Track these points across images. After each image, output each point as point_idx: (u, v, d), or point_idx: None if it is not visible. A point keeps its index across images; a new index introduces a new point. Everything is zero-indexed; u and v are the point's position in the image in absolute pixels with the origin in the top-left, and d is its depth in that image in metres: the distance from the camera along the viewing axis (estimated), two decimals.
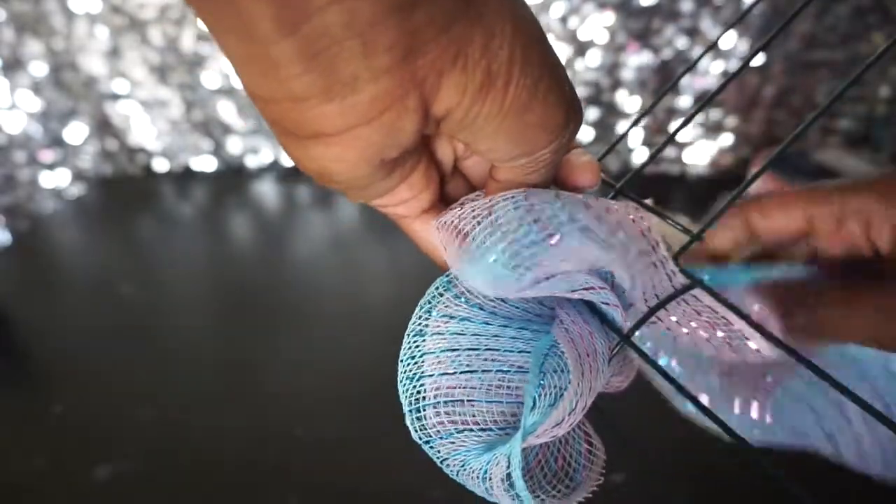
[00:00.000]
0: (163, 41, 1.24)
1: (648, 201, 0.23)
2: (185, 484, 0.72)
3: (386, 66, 0.15)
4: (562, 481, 0.23)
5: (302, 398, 0.82)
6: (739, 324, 0.21)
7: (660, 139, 1.27)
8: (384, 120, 0.16)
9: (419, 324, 0.22)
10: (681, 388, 0.21)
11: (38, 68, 1.23)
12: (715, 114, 1.23)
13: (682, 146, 1.28)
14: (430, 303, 0.22)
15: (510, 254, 0.20)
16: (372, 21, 0.14)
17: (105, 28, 1.23)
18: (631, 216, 0.20)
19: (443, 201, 0.23)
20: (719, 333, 0.22)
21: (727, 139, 1.26)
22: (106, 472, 0.73)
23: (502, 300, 0.22)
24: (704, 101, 0.24)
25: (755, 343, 0.21)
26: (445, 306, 0.22)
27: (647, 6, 1.14)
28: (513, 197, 0.20)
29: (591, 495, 0.22)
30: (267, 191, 1.35)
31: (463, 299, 0.22)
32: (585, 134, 1.27)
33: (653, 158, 0.25)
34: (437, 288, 0.23)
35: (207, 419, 0.79)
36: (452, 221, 0.21)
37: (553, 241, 0.19)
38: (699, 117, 1.23)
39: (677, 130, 0.25)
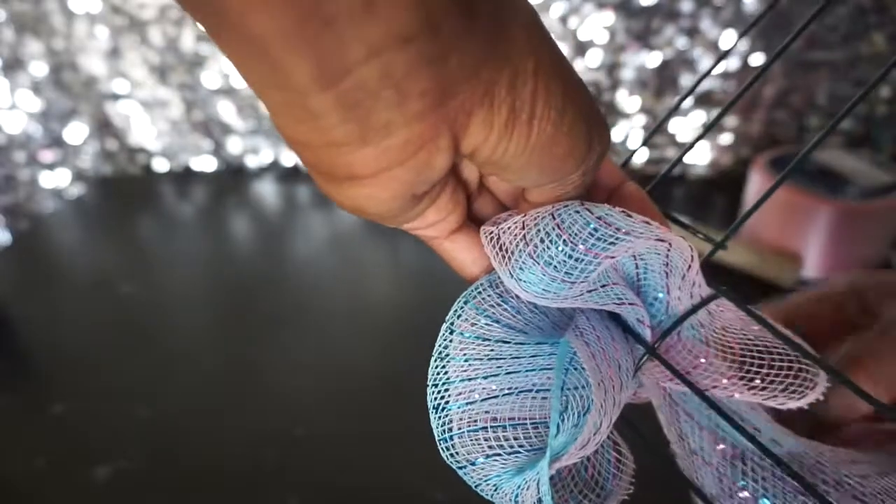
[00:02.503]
0: (163, 41, 1.24)
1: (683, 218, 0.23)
2: (185, 484, 0.72)
3: (419, 111, 0.16)
4: (592, 490, 0.23)
5: (302, 398, 0.82)
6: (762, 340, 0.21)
7: (659, 140, 1.27)
8: (417, 160, 0.17)
9: (442, 344, 0.23)
10: (707, 400, 0.21)
11: (38, 68, 1.23)
12: (715, 114, 1.23)
13: (682, 147, 1.28)
14: (451, 320, 0.23)
15: (559, 265, 0.20)
16: (407, 72, 0.15)
17: (105, 28, 1.23)
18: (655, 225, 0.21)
19: (470, 220, 0.23)
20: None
21: (727, 139, 1.26)
22: (106, 472, 0.73)
23: (519, 312, 0.23)
24: (724, 108, 0.24)
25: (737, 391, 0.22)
26: (465, 321, 0.23)
27: (647, 6, 1.14)
28: (560, 208, 0.21)
29: None
30: (267, 191, 1.35)
31: (483, 314, 0.22)
32: None
33: (673, 166, 0.25)
34: (459, 303, 0.23)
35: (207, 419, 0.79)
36: (499, 235, 0.21)
37: (592, 251, 0.20)
38: (699, 118, 1.23)
39: (696, 139, 0.25)
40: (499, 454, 0.22)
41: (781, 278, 0.95)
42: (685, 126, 1.25)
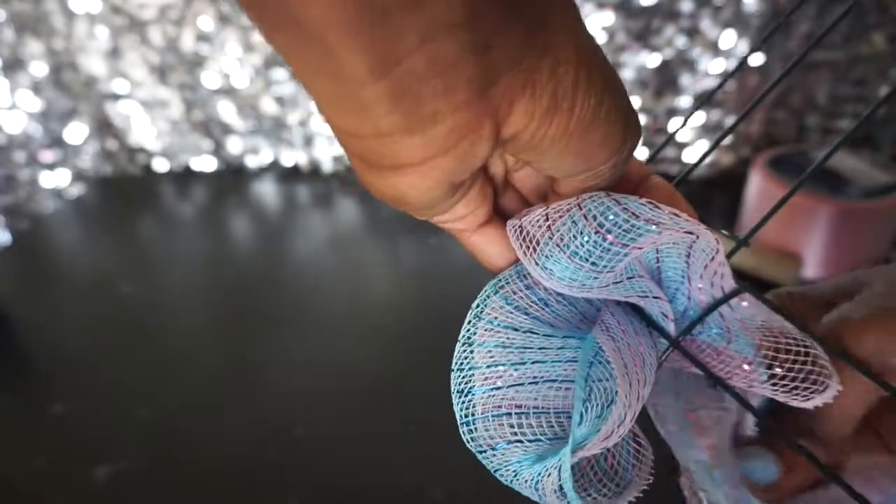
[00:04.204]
0: (163, 41, 1.24)
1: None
2: (185, 484, 0.72)
3: (464, 100, 0.16)
4: (612, 479, 0.23)
5: (302, 398, 0.82)
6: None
7: (659, 139, 1.27)
8: (460, 148, 0.17)
9: (469, 330, 0.23)
10: (730, 391, 0.21)
11: (38, 68, 1.23)
12: (715, 114, 1.23)
13: (681, 146, 1.28)
14: (479, 307, 0.23)
15: (587, 255, 0.20)
16: (454, 61, 0.15)
17: (105, 28, 1.23)
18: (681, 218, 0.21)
19: (497, 214, 0.24)
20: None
21: (727, 139, 1.26)
22: (105, 472, 0.73)
23: (546, 304, 0.23)
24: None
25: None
26: (492, 310, 0.23)
27: (647, 6, 1.14)
28: (587, 198, 0.21)
29: (641, 495, 0.22)
30: (267, 191, 1.35)
31: (511, 304, 0.22)
32: None
33: (687, 174, 0.25)
34: (485, 292, 0.23)
35: (207, 419, 0.79)
36: (524, 227, 0.21)
37: (618, 241, 0.20)
38: (699, 118, 1.23)
39: (710, 149, 0.25)
40: (520, 440, 0.22)
41: (781, 278, 0.95)
42: (685, 126, 1.25)
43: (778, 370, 0.22)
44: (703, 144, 1.26)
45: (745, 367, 0.22)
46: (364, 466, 0.73)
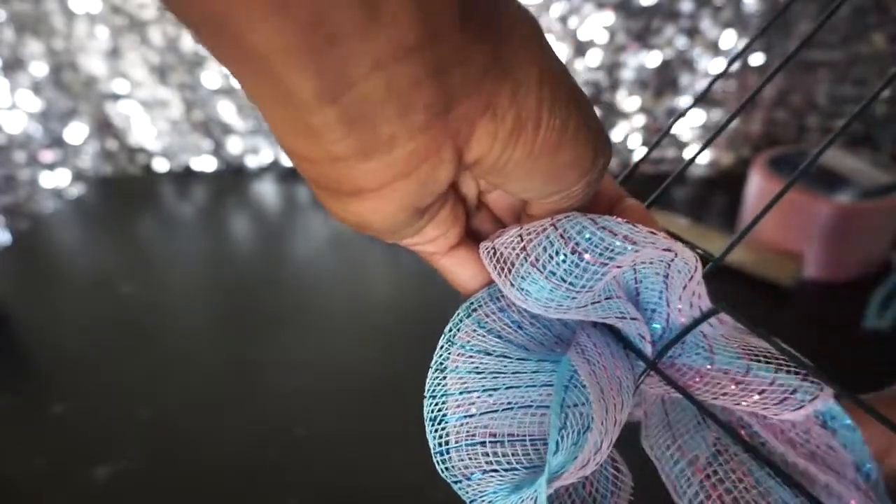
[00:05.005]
0: (163, 41, 1.24)
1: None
2: (185, 484, 0.72)
3: (422, 123, 0.16)
4: None
5: (302, 398, 0.82)
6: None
7: (660, 142, 1.27)
8: (420, 172, 0.17)
9: (441, 356, 0.22)
10: (708, 413, 0.21)
11: (38, 68, 1.23)
12: (715, 114, 1.23)
13: (681, 146, 1.28)
14: (451, 331, 0.22)
15: (564, 274, 0.20)
16: (410, 85, 0.15)
17: (105, 28, 1.22)
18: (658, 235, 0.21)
19: (469, 236, 0.23)
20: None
21: (727, 139, 1.26)
22: (105, 472, 0.73)
23: (520, 326, 0.22)
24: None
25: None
26: (465, 334, 0.22)
27: (647, 6, 1.14)
28: (558, 220, 0.21)
29: None
30: (267, 191, 1.35)
31: (484, 327, 0.22)
32: None
33: (676, 175, 0.25)
34: (458, 316, 0.23)
35: (207, 419, 0.79)
36: (498, 249, 0.21)
37: (594, 260, 0.20)
38: (699, 118, 1.23)
39: (701, 149, 0.25)
40: (496, 470, 0.21)
41: (781, 278, 0.95)
42: (684, 125, 1.25)
43: (766, 388, 0.21)
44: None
45: (733, 386, 0.22)
46: (364, 466, 0.73)
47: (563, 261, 0.20)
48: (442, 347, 0.22)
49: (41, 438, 0.78)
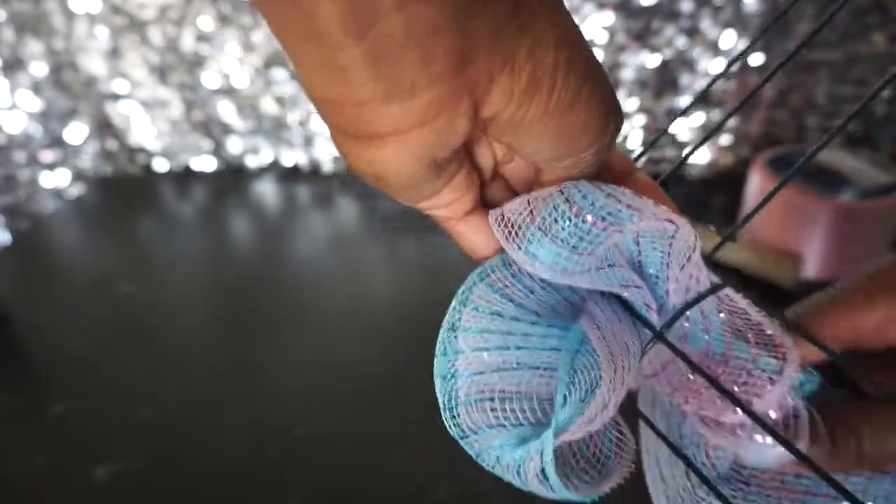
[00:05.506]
0: (163, 41, 1.24)
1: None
2: (185, 484, 0.72)
3: (442, 72, 0.16)
4: (594, 467, 0.23)
5: (302, 398, 0.82)
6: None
7: (659, 139, 1.27)
8: (438, 122, 0.17)
9: (454, 316, 0.23)
10: (714, 383, 0.21)
11: (38, 68, 1.23)
12: (715, 114, 1.23)
13: (681, 146, 1.28)
14: (464, 294, 0.23)
15: (568, 237, 0.20)
16: (431, 30, 0.16)
17: (105, 28, 1.23)
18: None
19: (484, 204, 0.24)
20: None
21: (727, 139, 1.26)
22: (105, 472, 0.73)
23: (531, 292, 0.23)
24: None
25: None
26: (478, 297, 0.23)
27: (647, 6, 1.14)
28: (565, 188, 0.21)
29: (622, 482, 0.23)
30: (267, 191, 1.35)
31: (496, 291, 0.22)
32: None
33: (673, 171, 0.25)
34: (472, 279, 0.23)
35: (207, 419, 0.79)
36: (506, 215, 0.22)
37: (599, 226, 0.20)
38: (699, 118, 1.23)
39: (697, 146, 0.25)
40: (503, 425, 0.22)
41: (781, 278, 0.95)
42: (684, 125, 1.25)
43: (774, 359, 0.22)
44: (704, 144, 1.26)
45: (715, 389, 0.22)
46: (364, 466, 0.73)
47: (568, 224, 0.20)
48: (454, 308, 0.23)
49: (41, 438, 0.78)
